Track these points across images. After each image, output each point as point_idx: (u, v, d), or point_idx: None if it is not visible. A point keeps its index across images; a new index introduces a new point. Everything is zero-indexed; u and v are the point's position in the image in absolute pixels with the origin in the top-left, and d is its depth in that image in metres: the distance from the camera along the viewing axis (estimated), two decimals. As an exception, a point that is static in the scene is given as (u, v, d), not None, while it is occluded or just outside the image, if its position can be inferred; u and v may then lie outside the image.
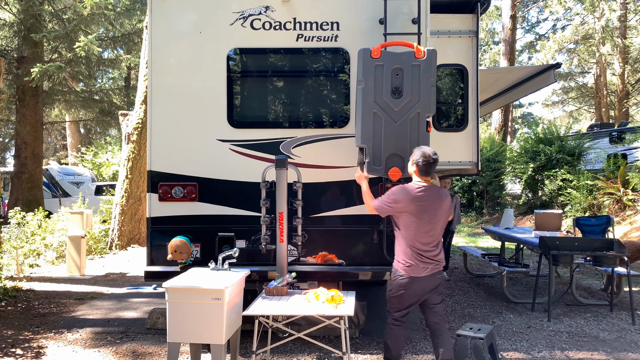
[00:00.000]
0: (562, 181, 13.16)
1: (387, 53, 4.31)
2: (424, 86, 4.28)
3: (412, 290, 3.75)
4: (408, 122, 4.31)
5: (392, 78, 4.29)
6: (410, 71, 4.29)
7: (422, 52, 4.29)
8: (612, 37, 22.35)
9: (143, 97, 10.79)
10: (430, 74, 4.29)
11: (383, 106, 4.30)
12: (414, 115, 4.31)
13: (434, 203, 3.75)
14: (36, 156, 16.06)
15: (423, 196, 3.73)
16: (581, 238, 6.69)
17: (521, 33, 33.21)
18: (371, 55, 4.28)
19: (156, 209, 4.76)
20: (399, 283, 3.77)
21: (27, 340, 5.01)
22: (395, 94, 4.29)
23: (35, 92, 15.67)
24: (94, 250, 10.78)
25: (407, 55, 4.30)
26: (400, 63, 4.29)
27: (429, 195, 3.75)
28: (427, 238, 3.73)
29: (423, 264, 3.71)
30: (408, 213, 3.71)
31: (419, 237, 3.72)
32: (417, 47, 4.32)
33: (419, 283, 3.73)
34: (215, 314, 3.44)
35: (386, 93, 4.29)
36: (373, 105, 4.29)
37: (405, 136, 4.31)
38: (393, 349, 3.88)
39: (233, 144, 4.77)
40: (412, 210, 3.70)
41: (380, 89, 4.29)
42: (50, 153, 32.26)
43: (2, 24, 16.03)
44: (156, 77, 4.79)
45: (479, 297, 6.82)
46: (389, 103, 4.29)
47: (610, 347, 4.84)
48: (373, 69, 4.29)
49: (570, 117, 34.84)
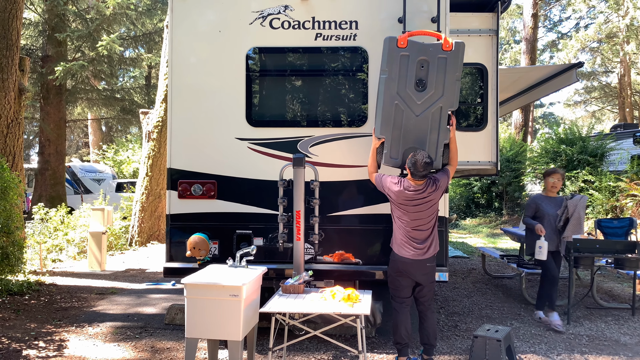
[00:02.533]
0: (584, 182, 12.93)
1: (414, 43, 4.20)
2: (449, 80, 4.19)
3: (400, 270, 4.17)
4: (429, 116, 4.24)
5: (417, 69, 4.19)
6: (437, 63, 4.18)
7: (450, 45, 4.17)
8: (637, 35, 21.88)
9: (163, 96, 10.92)
10: (456, 68, 4.19)
11: (405, 98, 4.22)
12: (436, 109, 4.23)
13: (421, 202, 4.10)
14: (59, 153, 16.39)
15: (411, 196, 4.09)
16: (603, 240, 6.57)
17: (543, 32, 32.73)
18: (397, 45, 4.16)
19: (175, 206, 4.83)
20: (390, 261, 4.25)
21: (50, 333, 5.12)
22: (419, 87, 4.20)
23: (58, 91, 16.00)
24: (115, 246, 10.96)
25: (434, 47, 4.19)
26: (426, 54, 4.17)
27: (418, 196, 4.10)
28: (415, 229, 4.13)
29: (410, 247, 4.13)
30: (397, 204, 4.16)
31: (409, 226, 4.14)
32: (445, 38, 4.21)
33: (406, 264, 4.13)
34: (232, 310, 3.47)
35: (409, 85, 4.20)
36: (395, 96, 4.21)
37: (425, 130, 4.26)
38: (401, 332, 4.20)
39: (251, 143, 4.80)
40: (400, 204, 4.14)
41: (404, 80, 4.20)
42: (72, 150, 32.85)
43: (28, 24, 16.38)
44: (176, 75, 4.85)
45: (497, 299, 6.75)
46: (411, 95, 4.21)
47: (632, 351, 4.75)
48: (398, 58, 4.17)
49: (592, 117, 34.20)
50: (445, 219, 4.68)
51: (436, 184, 4.14)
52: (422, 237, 4.16)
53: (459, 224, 16.86)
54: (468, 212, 17.98)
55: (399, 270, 4.18)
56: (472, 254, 10.59)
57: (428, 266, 4.17)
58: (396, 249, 4.20)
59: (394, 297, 4.27)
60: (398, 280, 4.21)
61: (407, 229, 4.15)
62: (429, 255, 4.16)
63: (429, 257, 4.16)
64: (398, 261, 4.17)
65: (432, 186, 4.12)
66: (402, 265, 4.15)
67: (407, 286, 4.21)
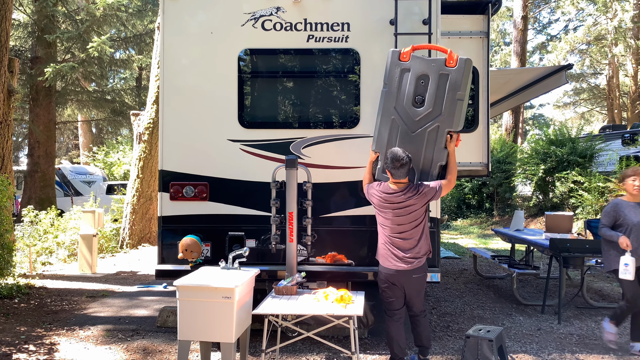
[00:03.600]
0: (574, 183, 13.05)
1: (416, 58, 4.05)
2: (449, 98, 3.97)
3: (385, 281, 4.04)
4: (425, 134, 4.04)
5: (416, 85, 4.03)
6: (437, 80, 3.99)
7: (454, 61, 3.96)
8: (625, 37, 22.11)
9: (154, 97, 10.88)
10: (459, 86, 3.96)
11: (402, 114, 4.06)
12: (433, 128, 4.03)
13: (400, 206, 3.94)
14: (49, 155, 16.25)
15: (390, 198, 3.95)
16: (592, 240, 6.63)
17: (532, 34, 32.99)
18: (399, 58, 4.05)
19: (167, 208, 4.81)
20: (378, 273, 4.15)
21: (40, 336, 5.07)
22: (417, 103, 4.04)
23: (48, 92, 15.86)
24: (105, 249, 10.89)
25: (437, 62, 4.02)
26: (427, 70, 4.00)
27: (397, 199, 3.94)
28: (398, 238, 3.99)
29: (393, 257, 3.98)
30: (378, 209, 4.04)
31: (392, 234, 4.00)
32: (450, 53, 4.01)
33: (390, 276, 4.00)
34: (225, 312, 3.47)
35: (407, 100, 4.05)
36: (392, 111, 4.06)
37: (420, 148, 4.07)
38: (394, 349, 4.09)
39: (244, 144, 4.80)
40: (380, 208, 4.02)
41: (402, 96, 4.06)
42: (62, 152, 32.58)
43: (17, 25, 16.24)
44: (168, 77, 4.83)
45: (488, 299, 6.79)
46: (408, 111, 4.05)
47: (621, 350, 4.80)
48: (399, 72, 4.05)
49: (581, 118, 34.49)
50: (437, 220, 4.70)
51: (418, 189, 3.93)
52: (406, 247, 3.97)
53: (450, 225, 16.93)
54: (459, 213, 18.07)
55: (385, 282, 4.06)
56: (463, 255, 10.64)
57: (414, 278, 3.99)
58: (380, 260, 4.08)
59: (385, 309, 4.15)
60: (386, 292, 4.08)
61: (390, 237, 4.00)
62: (415, 266, 3.96)
63: (415, 268, 3.96)
64: (382, 272, 4.06)
65: (413, 190, 3.92)
66: (387, 277, 4.02)
67: (398, 297, 4.06)
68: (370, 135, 4.72)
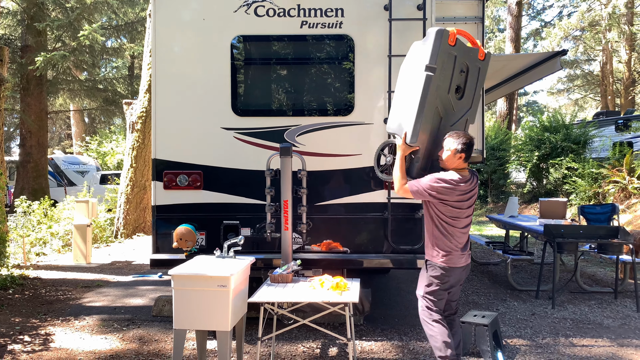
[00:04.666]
0: (567, 169, 13.11)
1: (462, 44, 3.68)
2: (478, 92, 3.83)
3: (452, 283, 3.68)
4: (457, 128, 3.72)
5: (456, 74, 3.67)
6: (473, 72, 3.75)
7: (484, 54, 3.77)
8: (619, 24, 22.09)
9: (147, 86, 10.78)
10: (483, 81, 3.85)
11: (445, 104, 3.68)
12: (461, 122, 3.76)
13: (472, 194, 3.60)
14: (41, 145, 16.12)
15: (465, 188, 3.54)
16: (586, 226, 6.68)
17: (527, 20, 32.86)
18: (448, 41, 3.56)
19: (161, 197, 4.78)
20: (437, 276, 3.63)
21: (35, 327, 5.06)
22: (458, 93, 3.74)
23: (39, 81, 15.69)
24: (100, 239, 10.85)
25: (474, 53, 3.75)
26: (468, 60, 3.71)
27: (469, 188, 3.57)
28: (464, 233, 3.64)
29: (461, 253, 3.62)
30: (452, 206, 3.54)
31: (461, 228, 3.60)
32: (480, 45, 3.77)
33: (455, 274, 3.64)
34: (220, 301, 3.46)
35: (452, 89, 3.69)
36: (437, 100, 3.61)
37: None
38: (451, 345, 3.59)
39: (237, 132, 4.76)
40: (455, 203, 3.54)
41: (449, 83, 3.65)
42: (55, 142, 32.36)
43: (6, 13, 16.00)
44: (160, 65, 4.78)
45: (483, 285, 6.83)
46: (451, 102, 3.69)
47: (615, 333, 4.85)
48: (446, 57, 3.57)
49: (575, 105, 34.58)
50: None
51: (476, 176, 3.63)
52: (465, 240, 3.67)
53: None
54: (454, 200, 18.09)
55: (451, 285, 3.68)
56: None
57: (468, 270, 3.75)
58: (446, 260, 3.58)
59: (432, 310, 3.68)
60: (444, 294, 3.71)
61: (460, 232, 3.60)
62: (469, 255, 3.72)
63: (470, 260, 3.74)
64: (452, 273, 3.61)
65: (474, 176, 3.62)
66: (456, 275, 3.65)
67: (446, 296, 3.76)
68: (365, 123, 4.71)
